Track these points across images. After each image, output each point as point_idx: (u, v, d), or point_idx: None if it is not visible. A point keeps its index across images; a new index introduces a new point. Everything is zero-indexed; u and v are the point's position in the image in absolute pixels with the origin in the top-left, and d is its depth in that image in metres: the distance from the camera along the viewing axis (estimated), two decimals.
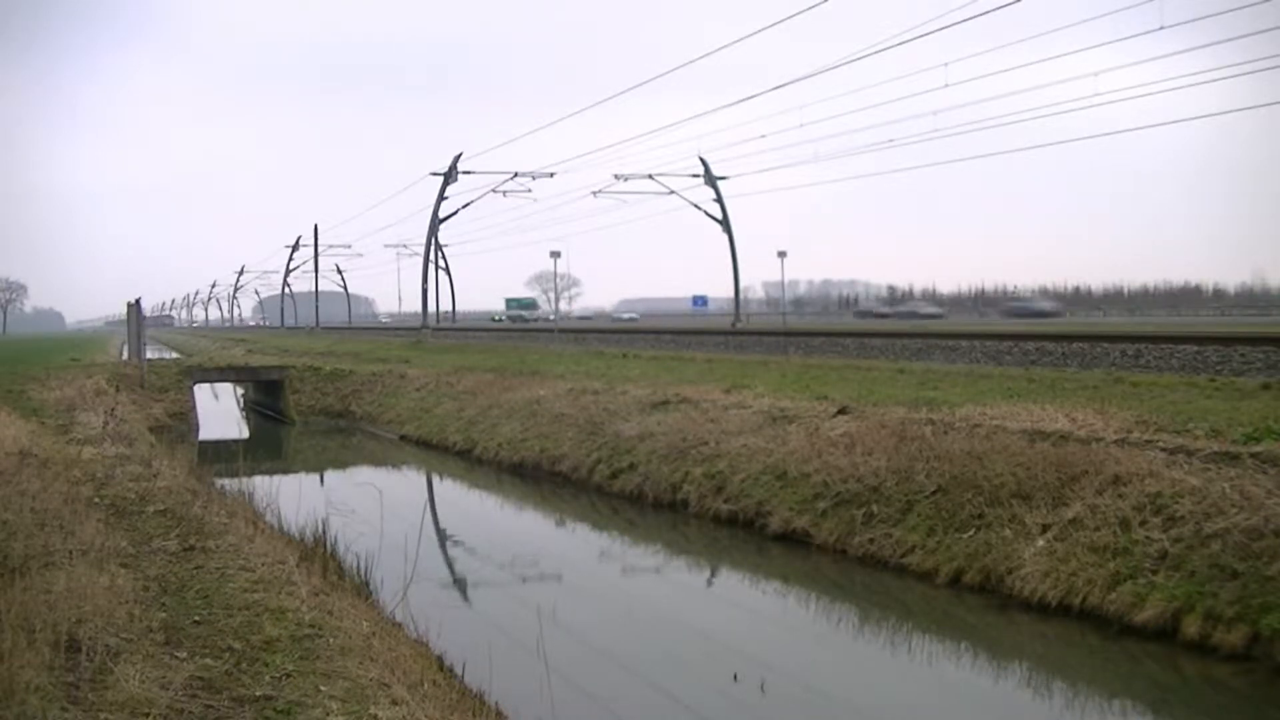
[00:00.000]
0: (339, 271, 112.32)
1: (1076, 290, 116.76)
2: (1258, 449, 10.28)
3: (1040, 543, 10.35)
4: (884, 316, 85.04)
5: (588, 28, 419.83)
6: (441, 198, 54.45)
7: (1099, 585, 9.51)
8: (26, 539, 8.05)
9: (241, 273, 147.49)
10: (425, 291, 57.67)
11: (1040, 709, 8.39)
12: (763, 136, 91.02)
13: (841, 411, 15.15)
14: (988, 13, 22.36)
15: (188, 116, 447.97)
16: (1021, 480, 11.17)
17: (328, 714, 5.15)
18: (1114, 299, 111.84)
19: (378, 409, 28.92)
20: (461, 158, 53.92)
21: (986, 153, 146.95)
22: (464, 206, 56.43)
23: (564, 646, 8.96)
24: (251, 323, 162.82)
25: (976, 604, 10.42)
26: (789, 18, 25.95)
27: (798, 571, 12.36)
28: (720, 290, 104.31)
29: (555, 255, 46.26)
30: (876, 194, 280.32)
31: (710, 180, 54.50)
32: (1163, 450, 10.83)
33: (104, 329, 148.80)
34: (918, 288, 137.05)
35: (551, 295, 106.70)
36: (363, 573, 9.90)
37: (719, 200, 55.11)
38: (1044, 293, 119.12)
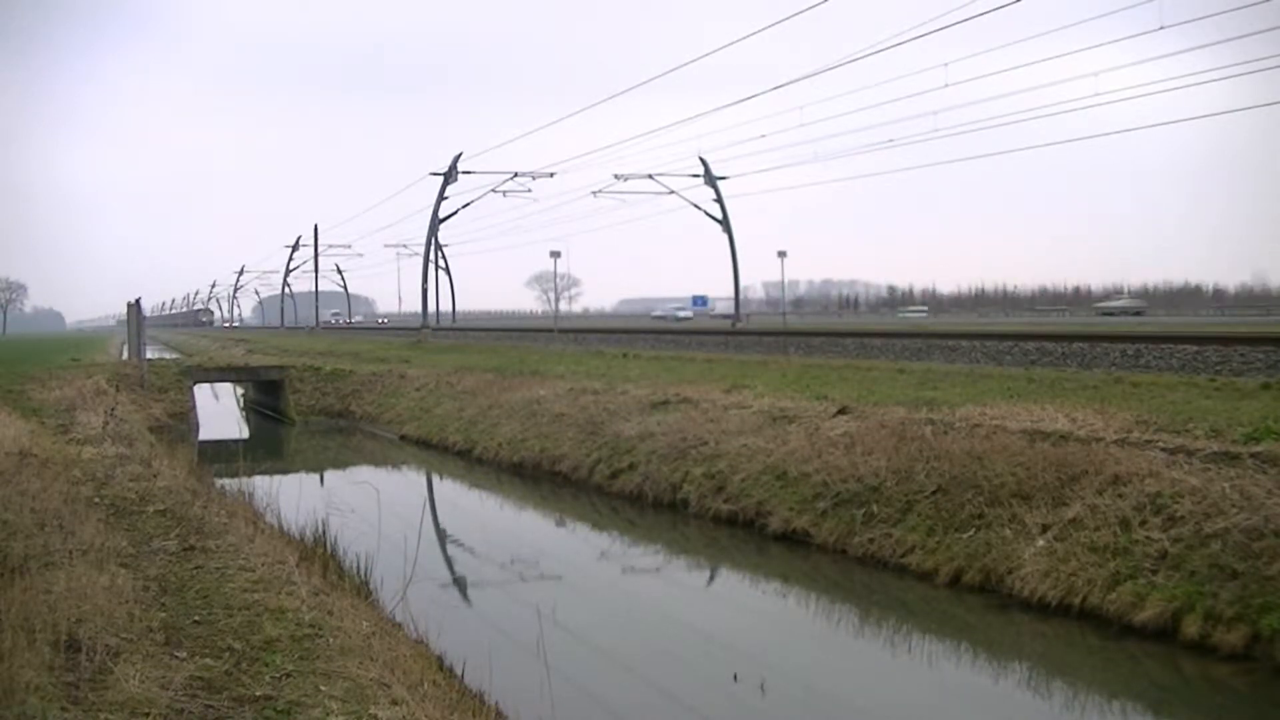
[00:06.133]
0: (339, 271, 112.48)
1: (1076, 290, 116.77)
2: (1258, 449, 10.27)
3: (1040, 543, 10.35)
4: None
5: (588, 27, 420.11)
6: (441, 198, 54.42)
7: (1099, 585, 9.51)
8: (26, 539, 8.05)
9: (241, 273, 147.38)
10: (425, 291, 57.66)
11: (1040, 709, 8.39)
12: (763, 136, 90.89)
13: (841, 411, 15.15)
14: (988, 13, 22.36)
15: (188, 116, 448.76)
16: (1021, 480, 11.16)
17: (328, 714, 5.15)
18: (1114, 299, 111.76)
19: (378, 409, 28.92)
20: (461, 158, 53.94)
21: (986, 153, 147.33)
22: (464, 206, 56.48)
23: (564, 646, 8.97)
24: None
25: (976, 604, 10.42)
26: (789, 18, 25.96)
27: (798, 571, 12.36)
28: (720, 290, 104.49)
29: (555, 255, 46.35)
30: (876, 194, 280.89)
31: (710, 180, 54.49)
32: (1163, 450, 10.83)
33: (115, 328, 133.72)
34: (918, 288, 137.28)
35: (551, 295, 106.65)
36: (363, 573, 9.90)
37: (719, 200, 55.11)
38: (1043, 293, 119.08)
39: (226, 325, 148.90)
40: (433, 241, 58.15)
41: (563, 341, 41.17)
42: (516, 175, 54.61)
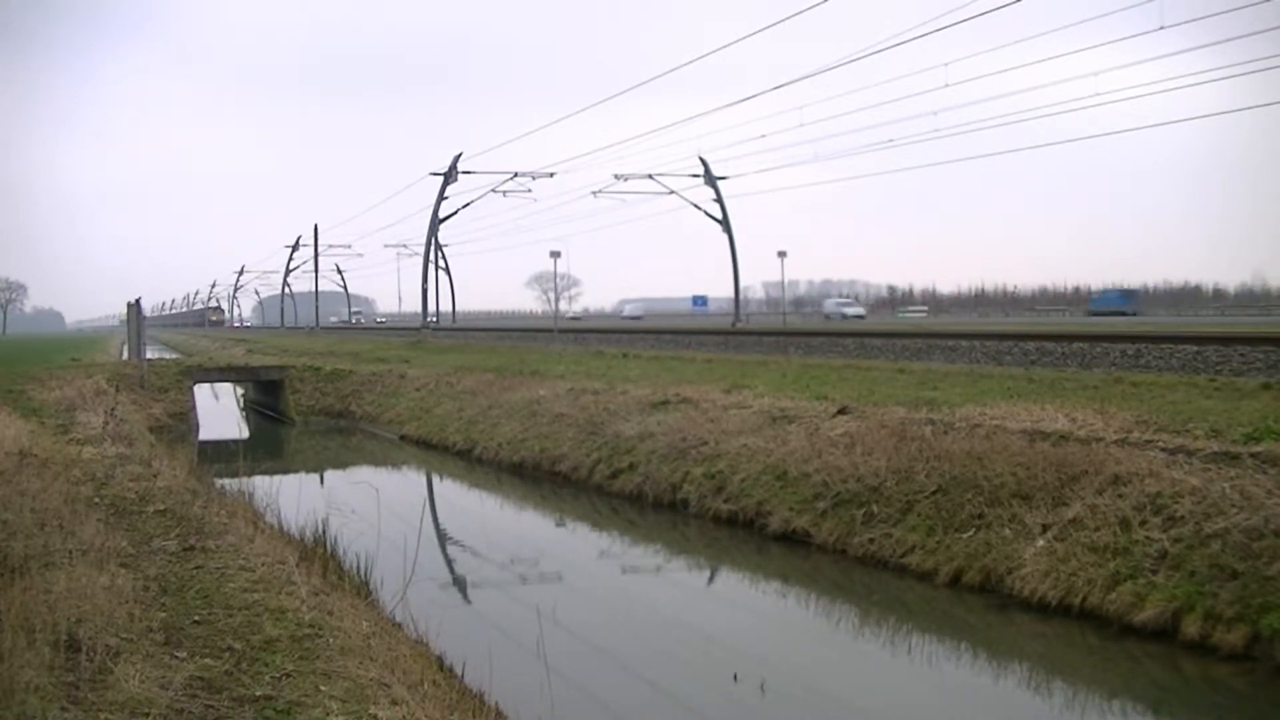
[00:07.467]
0: (339, 271, 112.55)
1: (1076, 290, 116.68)
2: (1258, 449, 10.28)
3: (1040, 543, 10.35)
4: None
5: (588, 27, 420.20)
6: (441, 198, 54.48)
7: (1099, 585, 9.51)
8: (26, 539, 8.05)
9: (241, 273, 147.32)
10: (425, 291, 57.72)
11: (1040, 709, 8.39)
12: (763, 136, 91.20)
13: (841, 411, 15.15)
14: (988, 13, 22.37)
15: (187, 116, 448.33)
16: (1021, 480, 11.16)
17: (328, 714, 5.15)
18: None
19: (378, 409, 28.91)
20: (461, 158, 54.02)
21: (986, 153, 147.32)
22: (464, 206, 56.57)
23: (564, 646, 8.97)
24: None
25: (976, 604, 10.42)
26: (789, 17, 25.96)
27: (798, 571, 12.36)
28: (720, 290, 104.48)
29: (555, 255, 46.25)
30: (877, 194, 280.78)
31: (710, 180, 54.51)
32: (1163, 450, 10.83)
33: (116, 328, 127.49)
34: (918, 288, 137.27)
35: (551, 295, 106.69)
36: (362, 573, 9.90)
37: (719, 200, 55.14)
38: (1043, 293, 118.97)
39: (238, 325, 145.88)
40: (433, 241, 58.19)
41: (563, 341, 41.16)
42: (516, 175, 54.71)
